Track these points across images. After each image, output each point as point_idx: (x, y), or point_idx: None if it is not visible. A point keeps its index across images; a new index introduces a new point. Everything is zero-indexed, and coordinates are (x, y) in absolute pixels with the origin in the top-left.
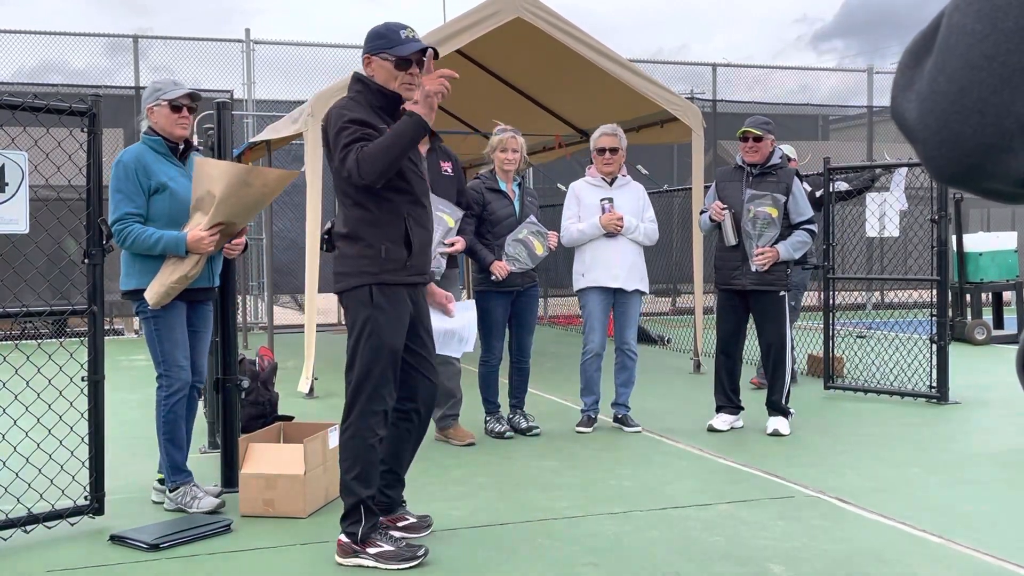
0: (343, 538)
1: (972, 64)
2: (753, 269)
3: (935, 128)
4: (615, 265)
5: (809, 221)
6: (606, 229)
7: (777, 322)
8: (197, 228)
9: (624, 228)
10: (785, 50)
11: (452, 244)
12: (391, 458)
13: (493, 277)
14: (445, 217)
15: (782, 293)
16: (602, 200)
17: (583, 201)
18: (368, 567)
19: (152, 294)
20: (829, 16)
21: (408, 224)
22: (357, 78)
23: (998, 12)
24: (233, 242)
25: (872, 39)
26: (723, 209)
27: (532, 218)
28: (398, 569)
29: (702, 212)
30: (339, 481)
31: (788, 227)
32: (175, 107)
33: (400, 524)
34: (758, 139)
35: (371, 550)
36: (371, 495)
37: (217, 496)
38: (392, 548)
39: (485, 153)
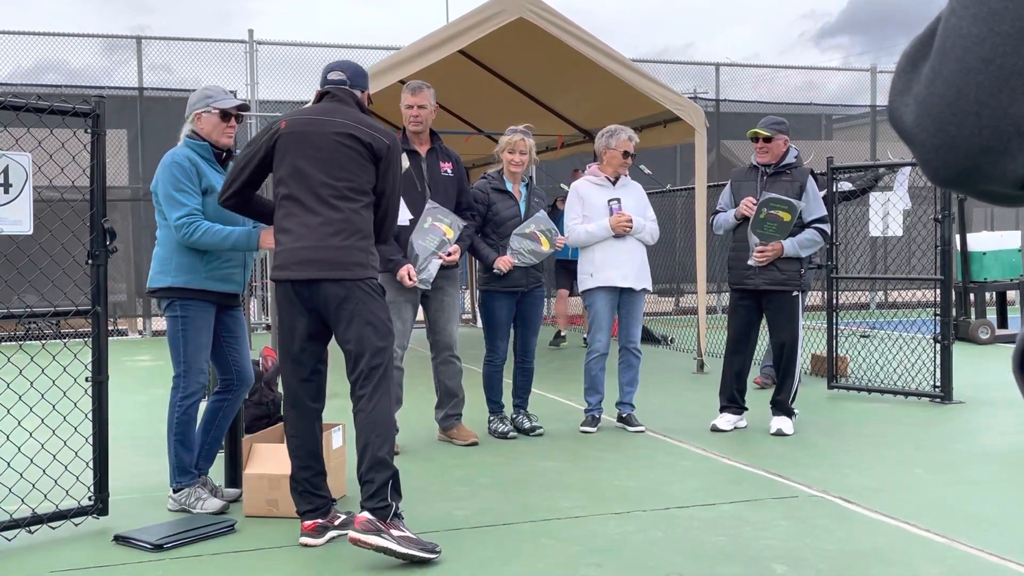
0: (366, 515)
1: (969, 67)
2: (749, 263)
3: (932, 131)
4: (625, 265)
5: (821, 220)
6: (616, 231)
7: (791, 322)
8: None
9: (633, 229)
10: (791, 48)
11: (450, 254)
12: (311, 457)
13: (496, 270)
14: (443, 228)
15: (795, 293)
16: (610, 201)
17: (588, 201)
18: (383, 547)
19: None
20: (835, 12)
21: None
22: (358, 102)
23: (995, 16)
24: None
25: (878, 36)
26: (754, 205)
27: (542, 214)
28: (409, 553)
29: (716, 212)
30: (368, 459)
31: (799, 225)
32: (225, 115)
33: (336, 523)
34: (768, 139)
35: (395, 532)
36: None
37: (228, 499)
38: (414, 535)
39: (495, 152)
